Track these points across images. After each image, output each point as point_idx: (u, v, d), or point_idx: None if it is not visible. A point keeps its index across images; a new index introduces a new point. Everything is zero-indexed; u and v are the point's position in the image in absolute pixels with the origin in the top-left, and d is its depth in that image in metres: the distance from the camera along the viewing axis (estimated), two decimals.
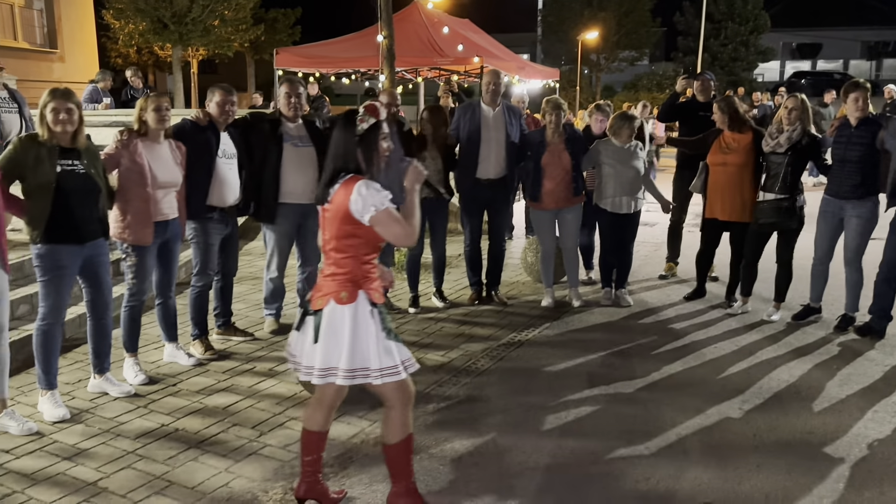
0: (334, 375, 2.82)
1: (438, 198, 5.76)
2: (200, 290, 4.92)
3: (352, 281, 2.86)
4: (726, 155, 5.76)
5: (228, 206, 4.87)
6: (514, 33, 34.83)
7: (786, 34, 42.07)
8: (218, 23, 22.52)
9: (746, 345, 5.20)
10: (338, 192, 2.86)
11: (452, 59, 12.36)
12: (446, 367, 4.76)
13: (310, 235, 5.42)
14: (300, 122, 5.20)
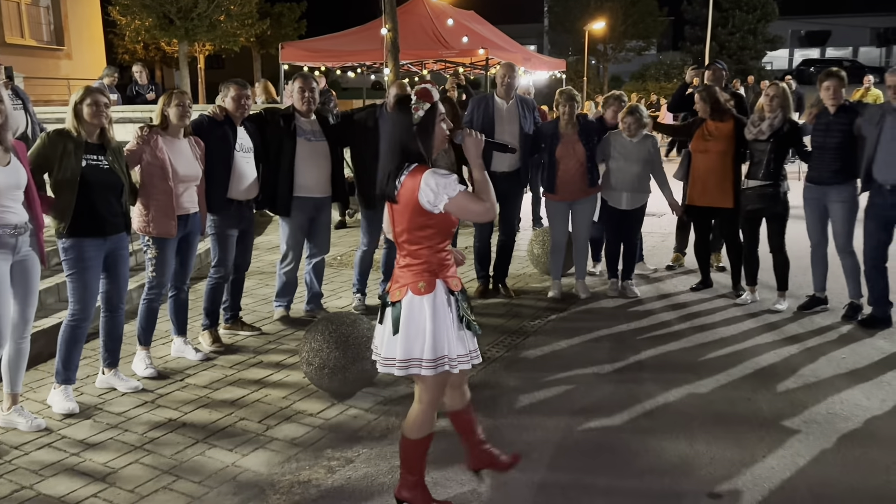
0: (417, 366, 2.79)
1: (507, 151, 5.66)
2: (217, 281, 4.99)
3: (428, 271, 2.85)
4: (707, 142, 5.80)
5: (247, 200, 4.94)
6: (520, 24, 34.69)
7: (794, 22, 41.73)
8: (224, 18, 22.57)
9: (751, 333, 5.17)
10: (404, 185, 2.84)
11: (458, 51, 12.33)
12: None
13: (322, 228, 5.50)
14: (313, 117, 5.27)
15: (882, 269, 5.16)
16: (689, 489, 3.19)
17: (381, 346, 2.88)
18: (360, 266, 5.82)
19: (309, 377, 4.18)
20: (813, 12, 42.37)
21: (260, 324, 5.44)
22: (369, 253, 5.81)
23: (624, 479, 3.29)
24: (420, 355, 2.78)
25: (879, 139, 4.88)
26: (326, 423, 3.85)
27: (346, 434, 3.73)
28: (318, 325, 4.16)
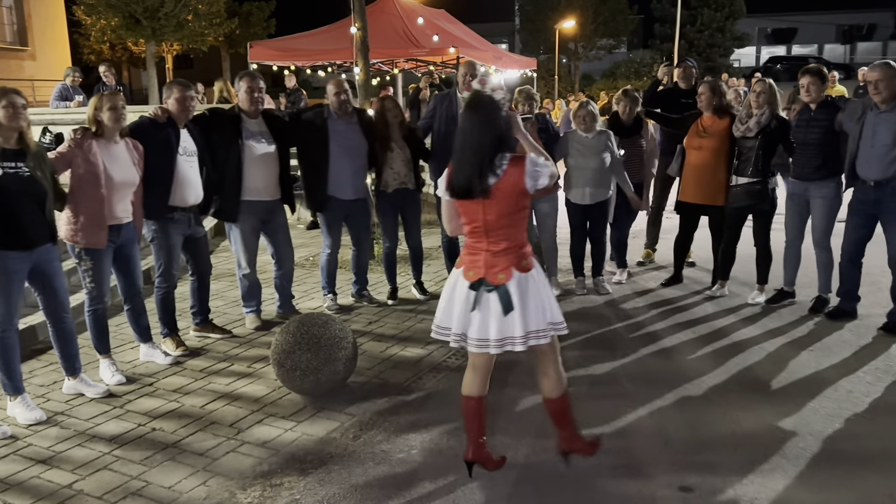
0: (537, 336, 3.02)
1: None
2: (165, 291, 4.86)
3: (524, 248, 3.06)
4: (702, 139, 5.81)
5: (189, 206, 4.78)
6: (491, 23, 34.76)
7: (761, 19, 42.31)
8: (191, 17, 22.30)
9: (722, 328, 5.23)
10: (506, 174, 2.96)
11: (428, 49, 12.32)
12: (426, 360, 4.74)
13: (280, 232, 5.39)
14: (260, 118, 5.15)
15: (858, 263, 5.22)
16: (662, 486, 3.21)
17: (489, 330, 3.02)
18: (328, 269, 5.77)
19: (280, 379, 4.14)
20: (779, 10, 43.00)
21: (231, 326, 5.38)
22: (333, 255, 5.75)
23: (596, 479, 3.29)
24: (539, 326, 3.02)
25: (861, 135, 4.92)
26: (298, 427, 3.81)
27: (319, 437, 3.69)
28: (289, 327, 4.11)
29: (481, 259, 3.06)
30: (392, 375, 4.49)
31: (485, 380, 3.26)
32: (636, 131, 6.21)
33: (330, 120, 5.47)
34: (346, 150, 5.46)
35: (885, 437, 3.59)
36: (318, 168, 5.43)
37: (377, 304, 5.94)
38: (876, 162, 4.84)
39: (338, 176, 5.45)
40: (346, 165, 5.46)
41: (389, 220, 5.91)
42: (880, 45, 41.16)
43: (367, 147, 5.59)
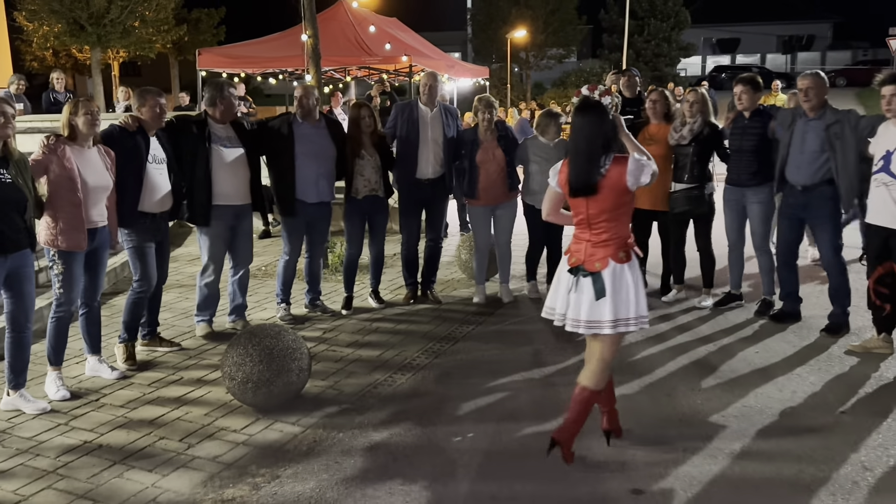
0: (625, 325, 3.26)
1: None
2: (139, 296, 4.80)
3: (626, 240, 3.31)
4: (649, 146, 5.86)
5: (160, 212, 4.78)
6: (444, 32, 34.89)
7: (706, 30, 43.37)
8: (138, 24, 21.87)
9: (671, 331, 5.33)
10: (609, 172, 3.26)
11: (381, 57, 12.32)
12: (383, 366, 4.73)
13: (243, 237, 5.38)
14: (228, 125, 5.17)
15: (793, 265, 5.40)
16: (614, 488, 3.26)
17: (580, 312, 3.29)
18: (284, 275, 5.72)
19: (232, 392, 4.07)
20: (723, 21, 44.18)
21: (180, 339, 5.27)
22: (292, 262, 5.71)
23: (552, 484, 3.32)
24: (627, 315, 3.24)
25: (791, 142, 5.11)
26: (251, 440, 3.75)
27: (272, 450, 3.64)
28: (240, 339, 4.05)
29: (583, 248, 3.36)
30: (347, 385, 4.46)
31: (589, 364, 3.44)
32: None
33: (296, 125, 5.49)
34: (312, 153, 5.47)
35: (829, 437, 3.70)
36: (285, 173, 5.44)
37: (331, 313, 5.89)
38: (805, 167, 5.03)
39: (303, 179, 5.45)
40: (312, 169, 5.47)
41: (357, 227, 5.89)
42: (819, 54, 42.61)
43: (335, 151, 5.60)
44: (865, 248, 4.74)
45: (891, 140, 4.47)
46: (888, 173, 4.44)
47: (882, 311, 4.75)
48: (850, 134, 4.85)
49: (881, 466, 3.38)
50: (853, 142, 4.86)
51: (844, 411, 3.99)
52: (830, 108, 5.03)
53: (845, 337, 5.11)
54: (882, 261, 4.62)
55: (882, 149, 4.52)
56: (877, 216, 4.59)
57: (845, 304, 5.19)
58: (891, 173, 4.43)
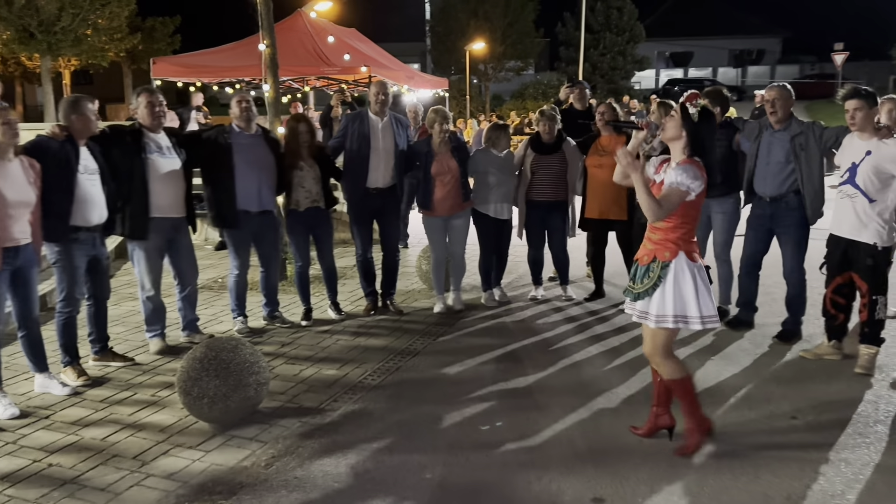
0: (684, 322, 3.43)
1: None
2: (67, 316, 4.61)
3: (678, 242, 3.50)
4: (602, 157, 6.07)
5: (93, 225, 4.59)
6: (403, 43, 34.96)
7: (659, 44, 44.33)
8: (90, 32, 21.45)
9: (632, 339, 5.38)
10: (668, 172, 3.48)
11: (339, 68, 12.27)
12: (341, 381, 4.67)
13: (184, 250, 5.23)
14: (163, 133, 5.03)
15: (755, 275, 5.49)
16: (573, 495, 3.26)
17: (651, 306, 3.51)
18: (237, 290, 5.62)
19: (187, 408, 3.97)
20: (676, 35, 45.22)
21: (134, 353, 5.15)
22: (242, 276, 5.61)
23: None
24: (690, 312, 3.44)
25: (758, 153, 5.20)
26: (207, 456, 3.67)
27: (229, 466, 3.56)
28: (195, 352, 3.96)
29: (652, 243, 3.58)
30: (306, 399, 4.39)
31: (645, 349, 3.67)
32: (557, 149, 6.32)
33: (233, 135, 5.40)
34: (251, 162, 5.38)
35: (783, 441, 3.77)
36: (225, 184, 5.33)
37: (290, 325, 5.82)
38: (771, 179, 5.14)
39: (244, 189, 5.36)
40: (252, 179, 5.38)
41: (301, 240, 5.83)
42: (769, 68, 43.87)
43: (273, 162, 5.52)
44: (826, 258, 4.84)
45: (855, 153, 4.56)
46: (853, 185, 4.53)
47: (836, 319, 4.86)
48: (815, 145, 4.96)
49: (832, 470, 3.46)
50: (818, 153, 4.97)
51: (796, 417, 4.07)
52: (796, 119, 5.12)
53: (798, 344, 5.23)
54: (841, 271, 4.72)
55: (847, 161, 4.61)
56: (840, 227, 4.68)
57: (799, 314, 5.31)
58: (855, 185, 4.51)
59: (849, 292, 4.76)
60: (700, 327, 3.49)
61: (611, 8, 33.94)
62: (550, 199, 6.26)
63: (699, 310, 3.44)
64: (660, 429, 3.79)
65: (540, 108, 6.74)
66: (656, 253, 3.52)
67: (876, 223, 4.48)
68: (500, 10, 32.39)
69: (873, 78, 33.69)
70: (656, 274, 3.49)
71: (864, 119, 4.49)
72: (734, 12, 47.81)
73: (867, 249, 4.52)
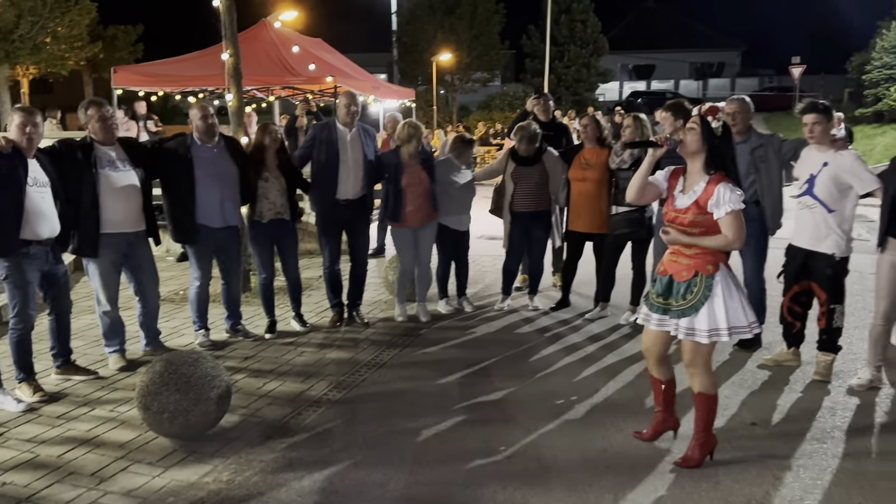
0: (737, 332, 3.46)
1: None
2: (21, 333, 4.48)
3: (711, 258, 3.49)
4: (585, 171, 6.12)
5: (44, 239, 4.46)
6: (369, 53, 34.94)
7: (623, 56, 44.95)
8: (50, 40, 21.04)
9: (597, 349, 5.43)
10: (706, 188, 3.45)
11: (305, 78, 12.19)
12: (305, 394, 4.62)
13: (143, 264, 5.13)
14: (117, 145, 4.92)
15: None
16: None
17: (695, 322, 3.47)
18: (197, 303, 5.54)
19: (147, 423, 3.90)
20: (639, 48, 45.96)
21: (94, 367, 5.03)
22: (204, 288, 5.53)
23: None
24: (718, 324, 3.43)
25: None
26: (167, 472, 3.60)
27: (190, 482, 3.50)
28: (155, 367, 3.89)
29: None
30: (269, 412, 4.34)
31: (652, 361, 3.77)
32: (538, 160, 6.32)
33: (194, 147, 5.30)
34: (213, 177, 5.29)
35: (743, 448, 3.82)
36: (184, 198, 5.22)
37: (254, 338, 5.75)
38: None
39: (206, 204, 5.27)
40: (214, 193, 5.29)
41: (265, 251, 5.77)
42: (728, 81, 44.73)
43: (237, 173, 5.45)
44: (784, 267, 4.94)
45: (813, 165, 4.66)
46: (812, 196, 4.63)
47: (793, 327, 4.97)
48: (774, 157, 5.07)
49: (792, 476, 3.52)
50: (777, 164, 5.08)
51: (756, 423, 4.13)
52: (755, 132, 5.22)
53: (758, 351, 5.32)
54: (799, 280, 4.82)
55: (806, 173, 4.71)
56: (799, 237, 4.78)
57: (760, 322, 5.39)
58: (814, 196, 4.61)
59: (805, 301, 4.87)
60: (751, 335, 3.58)
61: (575, 21, 34.33)
62: (532, 209, 6.29)
63: (747, 318, 3.46)
64: (665, 431, 3.86)
65: (511, 120, 6.79)
66: (697, 268, 3.46)
67: (835, 234, 4.58)
68: (466, 23, 32.57)
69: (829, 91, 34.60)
70: (700, 289, 3.43)
71: (821, 132, 4.60)
72: (694, 26, 48.78)
73: (826, 260, 4.62)
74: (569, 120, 19.11)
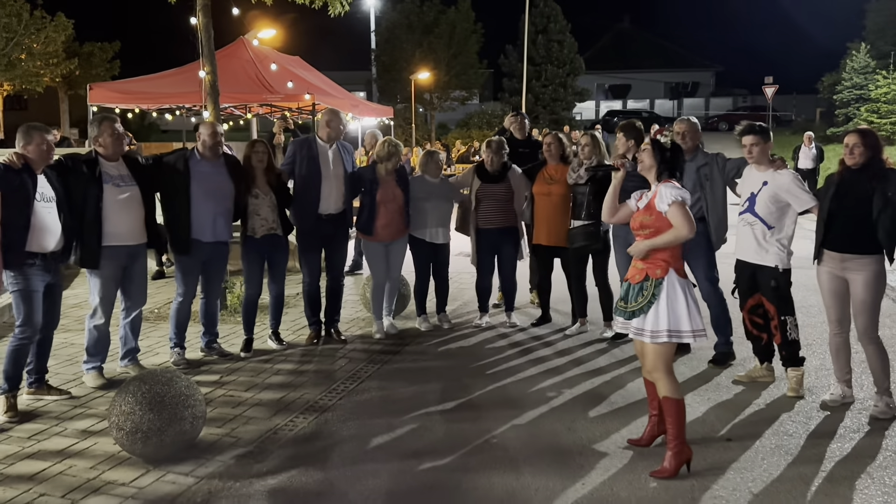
0: (677, 336, 3.64)
1: None
2: (22, 342, 4.50)
3: None
4: (550, 185, 6.21)
5: (50, 252, 4.53)
6: (348, 71, 35.06)
7: (599, 76, 45.57)
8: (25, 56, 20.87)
9: (572, 363, 5.45)
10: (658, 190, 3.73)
11: (283, 95, 12.23)
12: (283, 411, 4.59)
13: (136, 277, 5.17)
14: (120, 161, 4.99)
15: None
16: None
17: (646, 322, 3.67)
18: (178, 317, 5.50)
19: (120, 443, 3.84)
20: (615, 68, 46.62)
21: (66, 387, 4.96)
22: (187, 304, 5.51)
23: None
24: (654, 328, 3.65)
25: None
26: (141, 493, 3.54)
27: (164, 503, 3.45)
28: (128, 386, 3.84)
29: None
30: (244, 432, 4.30)
31: (645, 366, 3.87)
32: (503, 177, 6.39)
33: (193, 161, 5.35)
34: (209, 192, 5.34)
35: (718, 464, 3.85)
36: (179, 210, 5.27)
37: (229, 356, 5.70)
38: None
39: (199, 218, 5.31)
40: (209, 208, 5.34)
41: (256, 267, 5.76)
42: (703, 100, 45.48)
43: (233, 190, 5.50)
44: (735, 282, 5.08)
45: (754, 183, 4.86)
46: (752, 213, 4.82)
47: (760, 340, 5.05)
48: (719, 175, 5.31)
49: (768, 492, 3.55)
50: (721, 182, 5.32)
51: (731, 439, 4.17)
52: (702, 150, 5.45)
53: (732, 367, 5.37)
54: (752, 293, 4.96)
55: (747, 191, 4.91)
56: (743, 252, 4.94)
57: (728, 333, 5.50)
58: (755, 214, 4.80)
59: (764, 312, 4.98)
60: (692, 341, 3.70)
61: (551, 41, 34.75)
62: (499, 225, 6.35)
63: (691, 324, 3.62)
64: (661, 434, 3.92)
65: (488, 138, 6.86)
66: (648, 271, 3.71)
67: (775, 247, 4.76)
68: (445, 42, 32.80)
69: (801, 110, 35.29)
70: (650, 291, 3.65)
71: (760, 152, 4.83)
72: (669, 47, 49.64)
73: (770, 272, 4.78)
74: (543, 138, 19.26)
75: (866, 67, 27.52)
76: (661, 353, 3.68)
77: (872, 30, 30.90)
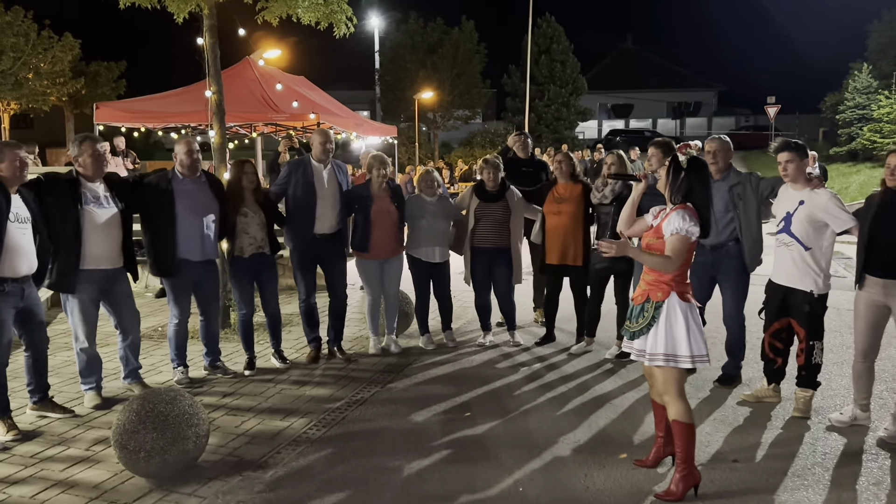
0: (674, 361, 3.58)
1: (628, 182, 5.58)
2: None
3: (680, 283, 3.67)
4: (560, 204, 6.20)
5: (21, 276, 4.41)
6: (352, 91, 35.28)
7: (602, 95, 45.77)
8: (32, 76, 21.04)
9: (580, 384, 5.41)
10: None
11: (288, 115, 12.26)
12: (284, 432, 4.56)
13: (122, 299, 5.09)
14: (101, 182, 4.93)
15: None
16: None
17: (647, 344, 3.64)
18: (176, 340, 5.48)
19: (123, 462, 3.82)
20: (617, 88, 46.84)
21: (71, 405, 4.94)
22: (183, 325, 5.48)
23: None
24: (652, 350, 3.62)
25: None
26: None
27: None
28: (132, 405, 3.82)
29: None
30: (248, 451, 4.27)
31: (655, 389, 3.83)
32: (501, 197, 6.41)
33: (175, 181, 5.32)
34: (195, 210, 5.31)
35: (724, 484, 3.81)
36: (165, 231, 5.23)
37: (233, 375, 5.68)
38: (712, 227, 5.29)
39: (187, 237, 5.27)
40: (195, 226, 5.30)
41: (245, 287, 5.75)
42: (705, 120, 45.58)
43: (218, 208, 5.47)
44: (765, 304, 4.98)
45: (790, 203, 4.72)
46: (789, 234, 4.69)
47: (774, 363, 4.99)
48: (752, 195, 5.13)
49: None
50: (754, 202, 5.14)
51: (737, 459, 4.13)
52: (734, 170, 5.31)
53: (737, 388, 5.34)
54: (779, 316, 4.85)
55: (782, 211, 4.77)
56: (778, 274, 4.82)
57: (739, 358, 5.44)
58: (791, 234, 4.67)
59: (787, 337, 4.90)
60: (690, 366, 3.62)
61: (554, 61, 34.94)
62: (494, 245, 6.35)
63: (689, 349, 3.56)
64: (666, 456, 3.90)
65: (484, 156, 6.87)
66: (650, 293, 3.67)
67: (812, 271, 4.63)
68: (448, 62, 33.04)
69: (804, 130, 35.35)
70: (650, 314, 3.62)
71: (795, 170, 4.68)
72: (672, 67, 49.89)
73: (804, 297, 4.67)
74: (548, 157, 19.37)
75: (868, 87, 27.58)
76: (669, 377, 3.62)
77: (875, 50, 31.01)
